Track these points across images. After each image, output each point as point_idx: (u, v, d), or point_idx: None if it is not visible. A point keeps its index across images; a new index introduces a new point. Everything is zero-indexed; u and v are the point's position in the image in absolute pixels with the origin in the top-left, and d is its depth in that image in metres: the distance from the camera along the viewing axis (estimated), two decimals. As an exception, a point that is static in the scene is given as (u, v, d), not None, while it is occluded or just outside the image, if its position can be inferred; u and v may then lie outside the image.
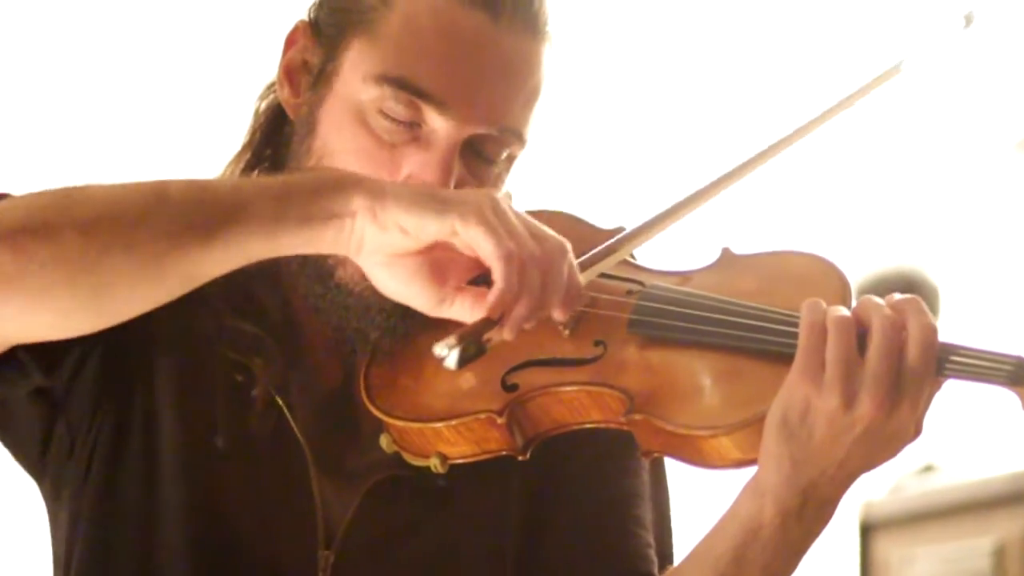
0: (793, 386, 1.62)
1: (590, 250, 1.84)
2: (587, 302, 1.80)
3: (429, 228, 1.58)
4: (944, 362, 1.62)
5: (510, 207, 1.61)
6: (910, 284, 4.33)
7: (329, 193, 1.59)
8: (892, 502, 4.12)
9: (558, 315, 1.62)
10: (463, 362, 1.58)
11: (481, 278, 1.66)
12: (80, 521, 1.81)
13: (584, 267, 1.70)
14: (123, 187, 1.61)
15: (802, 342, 1.62)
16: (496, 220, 1.58)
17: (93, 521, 1.80)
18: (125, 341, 1.77)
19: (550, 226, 1.96)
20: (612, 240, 1.77)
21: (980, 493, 3.89)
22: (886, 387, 1.60)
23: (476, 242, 1.57)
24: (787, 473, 1.63)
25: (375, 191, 1.60)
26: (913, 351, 1.61)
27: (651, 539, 1.89)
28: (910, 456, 4.14)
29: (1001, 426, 4.13)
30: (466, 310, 1.63)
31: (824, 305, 1.64)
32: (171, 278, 1.61)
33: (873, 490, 4.15)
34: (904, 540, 4.03)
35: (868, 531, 4.10)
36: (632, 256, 1.86)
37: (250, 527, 1.79)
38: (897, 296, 1.66)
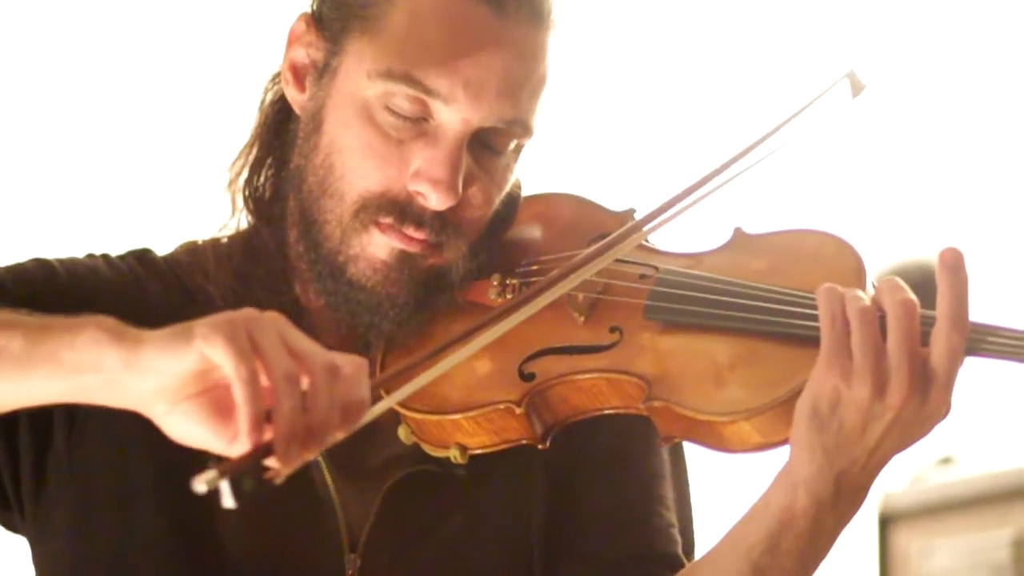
0: (821, 377, 1.62)
1: (600, 234, 1.83)
2: (600, 288, 1.79)
3: (180, 360, 1.43)
4: (973, 341, 1.62)
5: (275, 325, 1.44)
6: (930, 276, 4.29)
7: (83, 347, 1.46)
8: (911, 494, 4.10)
9: (335, 437, 1.46)
10: (240, 496, 1.40)
11: None
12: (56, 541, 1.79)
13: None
14: None
15: (826, 333, 1.62)
16: (242, 338, 1.41)
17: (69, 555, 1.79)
18: None
19: (558, 209, 1.95)
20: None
21: (999, 485, 3.88)
22: (913, 373, 1.60)
23: (219, 362, 1.41)
24: (820, 463, 1.64)
25: (128, 341, 1.45)
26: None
27: (674, 519, 1.89)
28: (929, 448, 4.13)
29: (1020, 418, 4.11)
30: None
31: (840, 291, 1.64)
32: None
33: (892, 482, 4.13)
34: (923, 532, 4.02)
35: (887, 523, 4.08)
36: (645, 239, 1.85)
37: (250, 548, 1.77)
38: None
